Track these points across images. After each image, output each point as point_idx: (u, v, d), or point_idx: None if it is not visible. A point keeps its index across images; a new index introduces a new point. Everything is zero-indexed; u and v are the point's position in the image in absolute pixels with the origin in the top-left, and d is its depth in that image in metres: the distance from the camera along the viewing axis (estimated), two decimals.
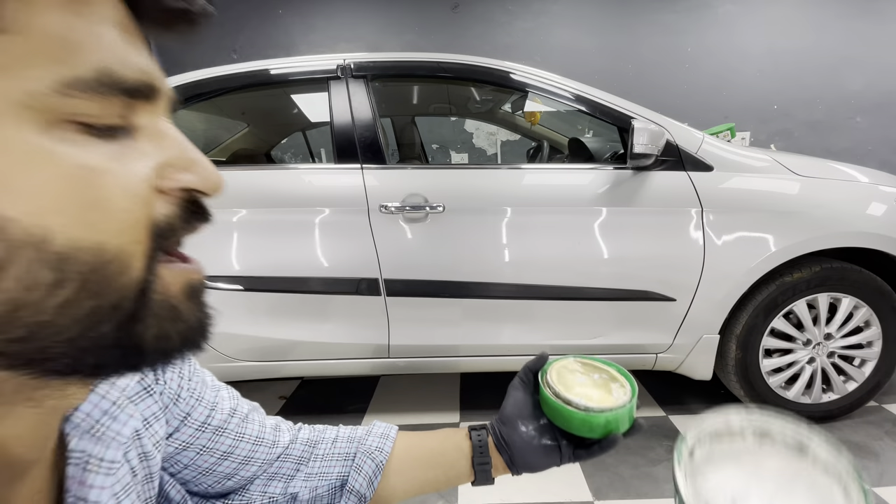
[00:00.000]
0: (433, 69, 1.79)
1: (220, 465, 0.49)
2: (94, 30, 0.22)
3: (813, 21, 4.36)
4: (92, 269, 0.22)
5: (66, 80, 0.20)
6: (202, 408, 0.48)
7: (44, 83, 0.20)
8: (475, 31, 4.49)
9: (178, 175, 0.26)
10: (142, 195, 0.24)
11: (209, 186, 0.27)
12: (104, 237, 0.22)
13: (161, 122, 0.26)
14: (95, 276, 0.22)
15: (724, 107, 4.49)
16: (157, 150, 0.25)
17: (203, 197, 0.27)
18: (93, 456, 0.34)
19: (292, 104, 2.26)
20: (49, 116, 0.20)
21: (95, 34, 0.22)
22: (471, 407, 1.98)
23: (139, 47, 0.25)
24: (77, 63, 0.21)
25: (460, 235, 1.66)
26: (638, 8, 4.41)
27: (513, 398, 0.57)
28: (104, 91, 0.22)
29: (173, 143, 0.26)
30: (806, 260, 1.66)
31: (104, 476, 0.34)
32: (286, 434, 0.56)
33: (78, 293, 0.22)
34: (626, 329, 1.69)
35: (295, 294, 1.66)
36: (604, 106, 1.70)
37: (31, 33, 0.20)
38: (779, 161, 1.69)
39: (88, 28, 0.22)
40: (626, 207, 1.63)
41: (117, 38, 0.23)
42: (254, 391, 2.21)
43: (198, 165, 0.26)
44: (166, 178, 0.25)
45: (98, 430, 0.35)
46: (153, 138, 0.25)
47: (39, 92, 0.20)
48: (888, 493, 1.38)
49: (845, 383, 1.73)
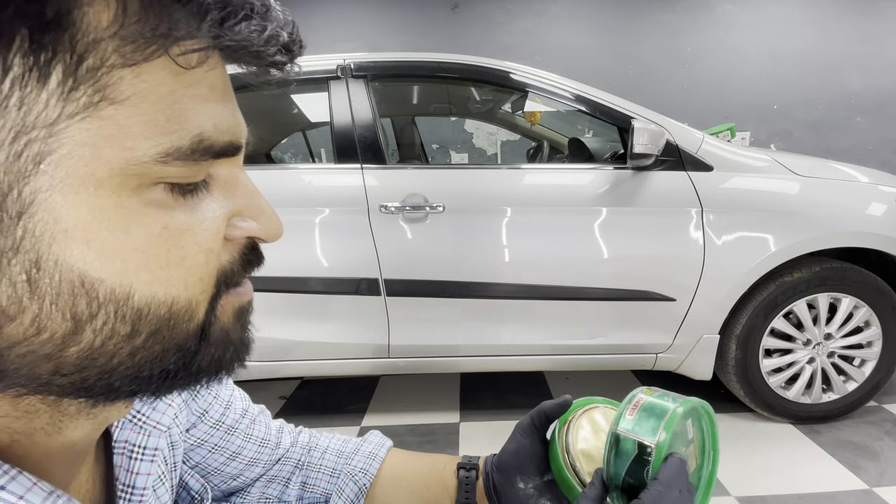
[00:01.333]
0: (433, 69, 1.79)
1: (228, 465, 0.49)
2: (196, 99, 0.22)
3: (813, 21, 4.36)
4: (164, 320, 0.23)
5: (167, 150, 0.21)
6: (218, 405, 0.49)
7: (146, 153, 0.20)
8: (475, 31, 4.49)
9: (244, 224, 0.27)
10: (214, 248, 0.25)
11: (271, 235, 0.28)
12: (178, 291, 0.23)
13: (236, 171, 0.26)
14: (166, 325, 0.23)
15: (724, 107, 4.49)
16: (229, 199, 0.26)
17: (262, 242, 0.29)
18: (136, 445, 0.36)
19: (292, 104, 2.26)
20: (142, 181, 0.21)
21: (197, 102, 0.22)
22: (471, 407, 1.98)
23: (231, 105, 0.25)
24: (179, 133, 0.21)
25: (460, 235, 1.66)
26: (638, 8, 4.41)
27: (516, 444, 0.48)
28: (197, 157, 0.22)
29: (244, 193, 0.27)
30: (806, 260, 1.66)
31: (148, 463, 0.36)
32: (288, 436, 0.56)
33: (148, 340, 0.23)
34: (626, 329, 1.69)
35: (295, 294, 1.66)
36: (604, 106, 1.70)
37: (140, 106, 0.20)
38: (779, 161, 1.69)
39: (192, 98, 0.22)
40: (626, 207, 1.63)
41: (215, 103, 0.23)
42: (254, 391, 2.21)
43: (264, 214, 0.27)
44: (233, 226, 0.26)
45: (139, 419, 0.37)
46: (226, 188, 0.26)
47: (141, 161, 0.20)
48: (888, 493, 1.38)
49: (845, 383, 1.73)
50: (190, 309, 0.24)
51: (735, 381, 1.73)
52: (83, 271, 0.20)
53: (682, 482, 0.36)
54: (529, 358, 1.74)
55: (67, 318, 0.21)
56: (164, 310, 0.23)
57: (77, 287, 0.20)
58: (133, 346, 0.23)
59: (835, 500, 1.37)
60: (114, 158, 0.20)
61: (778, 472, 1.50)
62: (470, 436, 1.76)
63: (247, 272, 0.28)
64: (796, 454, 1.60)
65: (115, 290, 0.21)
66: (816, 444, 1.64)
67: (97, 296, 0.21)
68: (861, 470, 1.49)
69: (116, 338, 0.22)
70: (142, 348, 0.23)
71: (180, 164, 0.22)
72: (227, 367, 0.28)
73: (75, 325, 0.21)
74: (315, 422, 1.93)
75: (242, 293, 0.29)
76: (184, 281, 0.23)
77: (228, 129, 0.24)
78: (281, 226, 0.28)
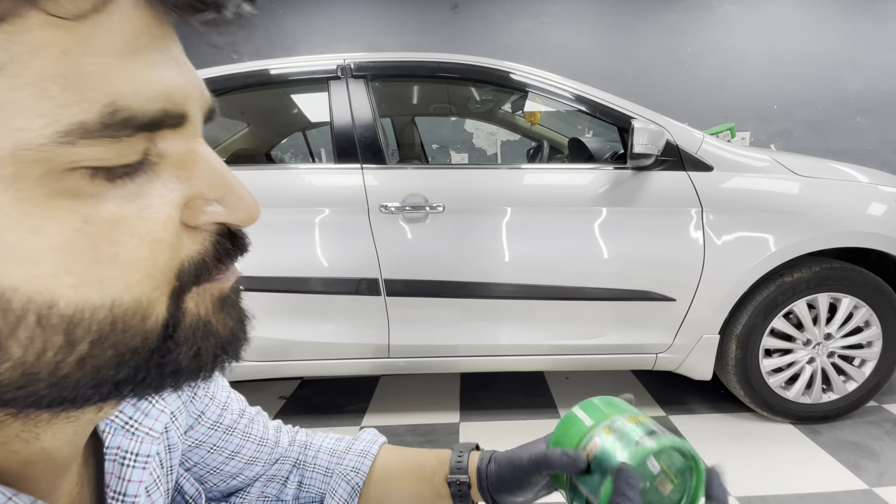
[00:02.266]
0: (433, 69, 1.79)
1: (227, 464, 0.49)
2: (103, 56, 0.18)
3: (813, 21, 4.36)
4: (108, 325, 0.20)
5: (67, 128, 0.17)
6: (215, 406, 0.48)
7: (39, 134, 0.17)
8: (475, 31, 4.49)
9: (208, 208, 0.23)
10: (164, 239, 0.21)
11: (242, 219, 0.24)
12: (118, 292, 0.20)
13: (193, 144, 0.22)
14: (113, 329, 0.20)
15: (724, 107, 4.50)
16: (185, 180, 0.22)
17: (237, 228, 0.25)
18: (128, 452, 0.34)
19: (292, 104, 2.26)
20: (48, 168, 0.17)
21: (105, 62, 0.18)
22: (471, 407, 1.98)
23: (168, 60, 0.21)
24: (80, 105, 0.17)
25: (460, 235, 1.66)
26: (638, 8, 4.41)
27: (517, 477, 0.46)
28: (114, 133, 0.18)
29: (206, 171, 0.23)
30: (806, 260, 1.66)
31: (140, 470, 0.35)
32: (286, 436, 0.56)
33: (95, 348, 0.20)
34: (626, 329, 1.69)
35: (295, 294, 1.66)
36: (604, 106, 1.70)
37: (18, 74, 0.16)
38: (779, 161, 1.69)
39: (93, 57, 0.18)
40: (626, 207, 1.63)
41: (135, 61, 0.19)
42: (254, 391, 2.21)
43: (231, 194, 0.23)
44: (195, 210, 0.22)
45: (131, 426, 0.35)
46: (181, 167, 0.22)
47: (34, 144, 0.17)
48: (888, 493, 1.38)
49: (845, 383, 1.73)
50: (140, 310, 0.21)
51: (735, 381, 1.73)
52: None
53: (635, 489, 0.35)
54: (529, 358, 1.74)
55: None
56: (102, 314, 0.20)
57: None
58: (78, 355, 0.20)
59: (835, 500, 1.37)
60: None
61: (778, 472, 1.50)
62: (470, 436, 1.76)
63: (224, 264, 0.24)
64: (796, 454, 1.60)
65: (34, 298, 0.18)
66: (816, 444, 1.64)
67: (11, 307, 0.18)
68: (861, 470, 1.49)
69: (53, 350, 0.19)
70: (90, 356, 0.20)
71: (93, 143, 0.18)
72: (214, 362, 0.25)
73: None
74: (315, 422, 1.93)
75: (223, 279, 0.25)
76: (123, 280, 0.20)
77: (160, 94, 0.20)
78: (255, 208, 0.24)
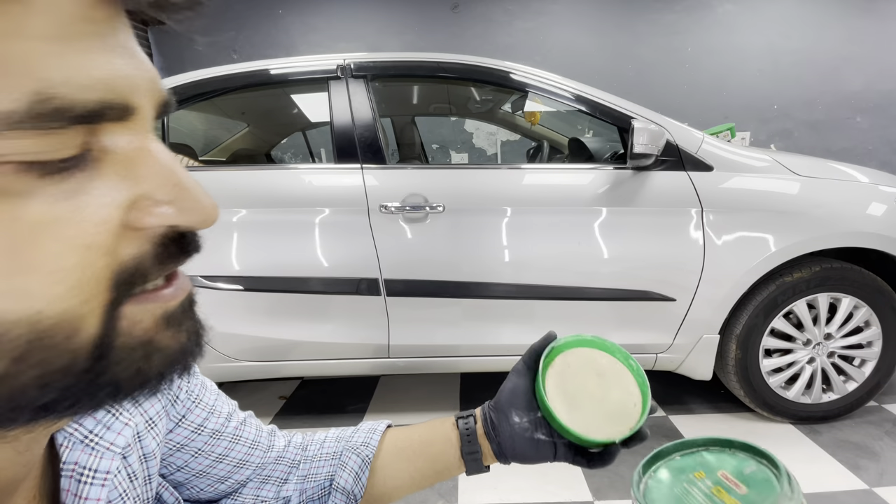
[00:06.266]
0: (433, 69, 1.79)
1: (214, 467, 0.49)
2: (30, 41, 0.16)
3: (813, 21, 4.36)
4: (28, 342, 0.18)
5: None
6: (199, 410, 0.47)
7: None
8: (475, 31, 4.49)
9: (156, 209, 0.21)
10: (99, 244, 0.19)
11: (195, 222, 0.22)
12: (40, 304, 0.18)
13: (140, 140, 0.21)
14: (35, 346, 0.18)
15: (724, 107, 4.50)
16: (131, 179, 0.20)
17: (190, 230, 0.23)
18: (86, 468, 0.32)
19: (292, 104, 2.26)
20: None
21: (33, 47, 0.16)
22: (471, 407, 1.97)
23: (112, 47, 0.19)
24: (4, 92, 0.16)
25: (460, 235, 1.66)
26: (638, 8, 4.41)
27: (511, 384, 0.54)
28: (44, 124, 0.16)
29: (155, 169, 0.21)
30: (806, 260, 1.65)
31: (98, 487, 0.32)
32: (282, 439, 0.56)
33: (14, 366, 0.18)
34: (626, 329, 1.69)
35: (295, 294, 1.66)
36: (604, 106, 1.70)
37: None
38: (779, 161, 1.69)
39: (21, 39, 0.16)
40: (626, 207, 1.63)
41: (69, 47, 0.17)
42: (254, 391, 2.22)
43: (183, 196, 0.21)
44: (142, 211, 0.20)
45: (91, 440, 0.33)
46: (127, 164, 0.20)
47: None
48: (888, 493, 1.38)
49: (845, 383, 1.73)
50: (67, 324, 0.19)
51: (735, 381, 1.73)
52: None
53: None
54: None
55: None
56: (23, 328, 0.18)
57: None
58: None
59: (835, 500, 1.37)
60: None
61: None
62: None
63: (165, 267, 0.22)
64: (796, 454, 1.60)
65: None
66: (816, 444, 1.64)
67: None
68: (861, 470, 1.49)
69: None
70: (8, 376, 0.18)
71: (19, 134, 0.16)
72: (160, 379, 0.23)
73: None
74: (315, 422, 1.93)
75: (167, 296, 0.22)
76: (47, 291, 0.18)
77: (99, 83, 0.18)
78: (212, 209, 0.22)
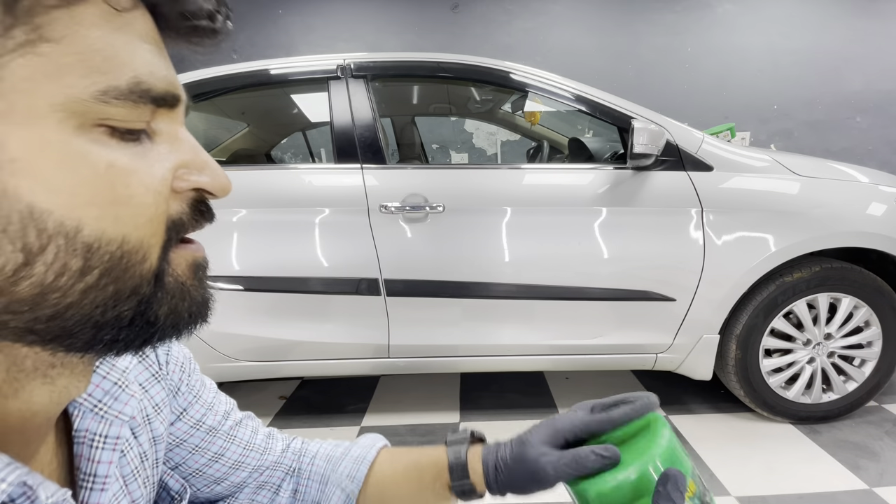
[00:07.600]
0: (433, 69, 1.79)
1: (210, 466, 0.49)
2: (129, 43, 0.24)
3: (813, 21, 4.36)
4: (116, 258, 0.24)
5: (105, 89, 0.22)
6: (199, 405, 0.49)
7: (85, 90, 0.22)
8: (475, 31, 4.49)
9: (191, 176, 0.28)
10: (162, 193, 0.26)
11: (218, 188, 0.29)
12: (128, 230, 0.24)
13: (178, 127, 0.28)
14: (118, 264, 0.24)
15: (724, 107, 4.49)
16: (174, 152, 0.27)
17: (211, 198, 0.30)
18: (97, 434, 0.36)
19: (292, 104, 2.26)
20: (84, 120, 0.22)
21: (131, 48, 0.24)
22: (471, 407, 1.98)
23: (165, 59, 0.27)
24: (115, 73, 0.23)
25: (460, 235, 1.66)
26: (638, 8, 4.41)
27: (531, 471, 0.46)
28: (135, 99, 0.24)
29: (188, 147, 0.28)
30: (806, 260, 1.66)
31: (109, 451, 0.36)
32: (279, 443, 0.56)
33: (102, 279, 0.24)
34: (626, 329, 1.69)
35: (295, 294, 1.66)
36: (604, 106, 1.70)
37: (75, 45, 0.22)
38: (779, 161, 1.69)
39: (125, 42, 0.24)
40: (626, 207, 1.63)
41: (148, 51, 0.25)
42: (254, 391, 2.22)
43: (209, 168, 0.29)
44: (181, 178, 0.28)
45: (100, 408, 0.37)
46: (170, 142, 0.27)
47: (80, 98, 0.22)
48: (888, 493, 1.38)
49: (845, 383, 1.73)
50: (142, 250, 0.25)
51: (735, 381, 1.73)
52: (31, 202, 0.21)
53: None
54: (529, 358, 1.74)
55: (18, 249, 0.21)
56: (114, 246, 0.24)
57: (26, 217, 0.21)
58: (86, 284, 0.23)
59: (835, 500, 1.37)
60: (54, 94, 0.21)
61: (778, 472, 1.50)
62: None
63: (198, 224, 0.30)
64: (796, 454, 1.60)
65: (64, 223, 0.22)
66: (816, 444, 1.64)
67: (46, 227, 0.21)
68: (861, 470, 1.49)
69: (68, 273, 0.22)
70: (94, 287, 0.23)
71: (120, 104, 0.23)
72: (186, 322, 0.29)
73: (26, 256, 0.21)
74: (315, 422, 1.93)
75: (196, 248, 0.30)
76: (133, 220, 0.24)
77: (165, 78, 0.26)
78: (228, 180, 0.30)
